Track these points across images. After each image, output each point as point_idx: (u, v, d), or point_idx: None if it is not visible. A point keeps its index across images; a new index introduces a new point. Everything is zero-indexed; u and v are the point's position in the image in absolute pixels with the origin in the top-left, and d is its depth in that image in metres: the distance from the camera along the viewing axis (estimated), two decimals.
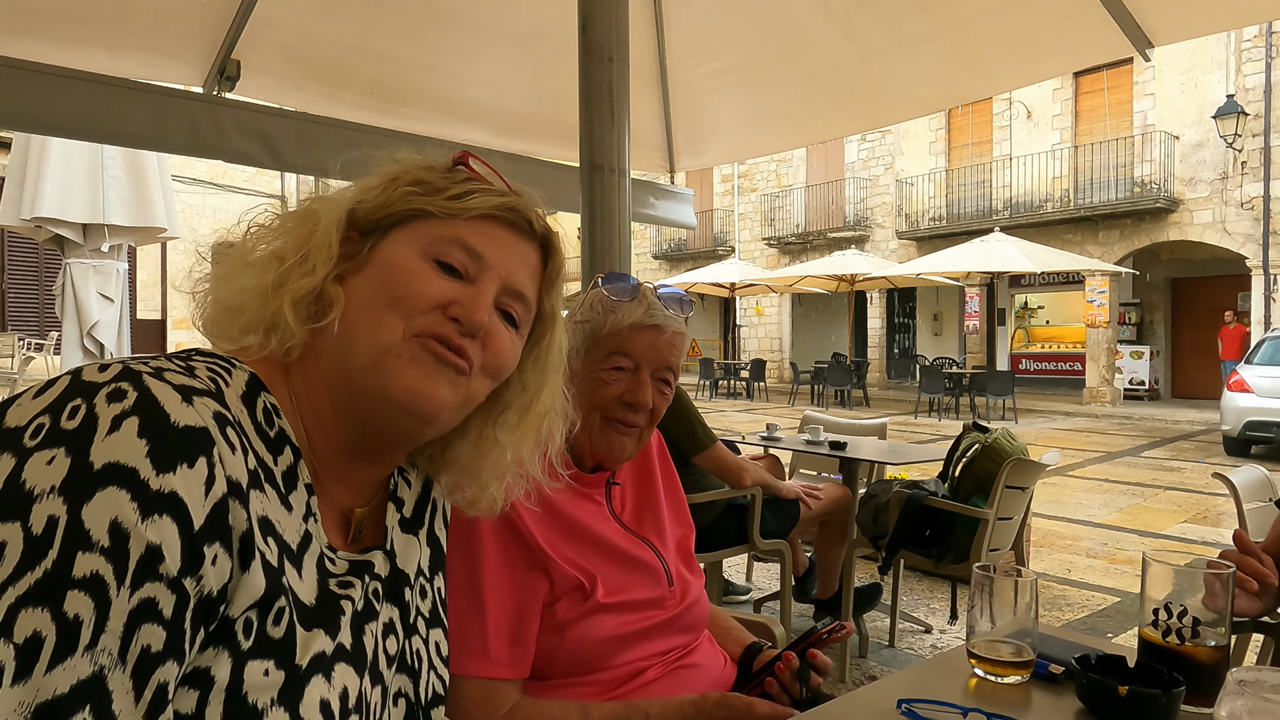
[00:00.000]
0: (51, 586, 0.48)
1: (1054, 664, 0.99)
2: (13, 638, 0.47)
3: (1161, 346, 16.96)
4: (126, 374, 0.56)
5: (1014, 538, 3.11)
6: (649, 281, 1.23)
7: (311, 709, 0.61)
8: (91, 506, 0.50)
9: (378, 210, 0.72)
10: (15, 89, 2.33)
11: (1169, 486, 7.51)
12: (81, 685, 0.48)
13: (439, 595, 0.81)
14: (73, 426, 0.52)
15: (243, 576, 0.58)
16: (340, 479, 0.72)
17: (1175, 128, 14.83)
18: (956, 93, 3.71)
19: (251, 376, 0.65)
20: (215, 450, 0.56)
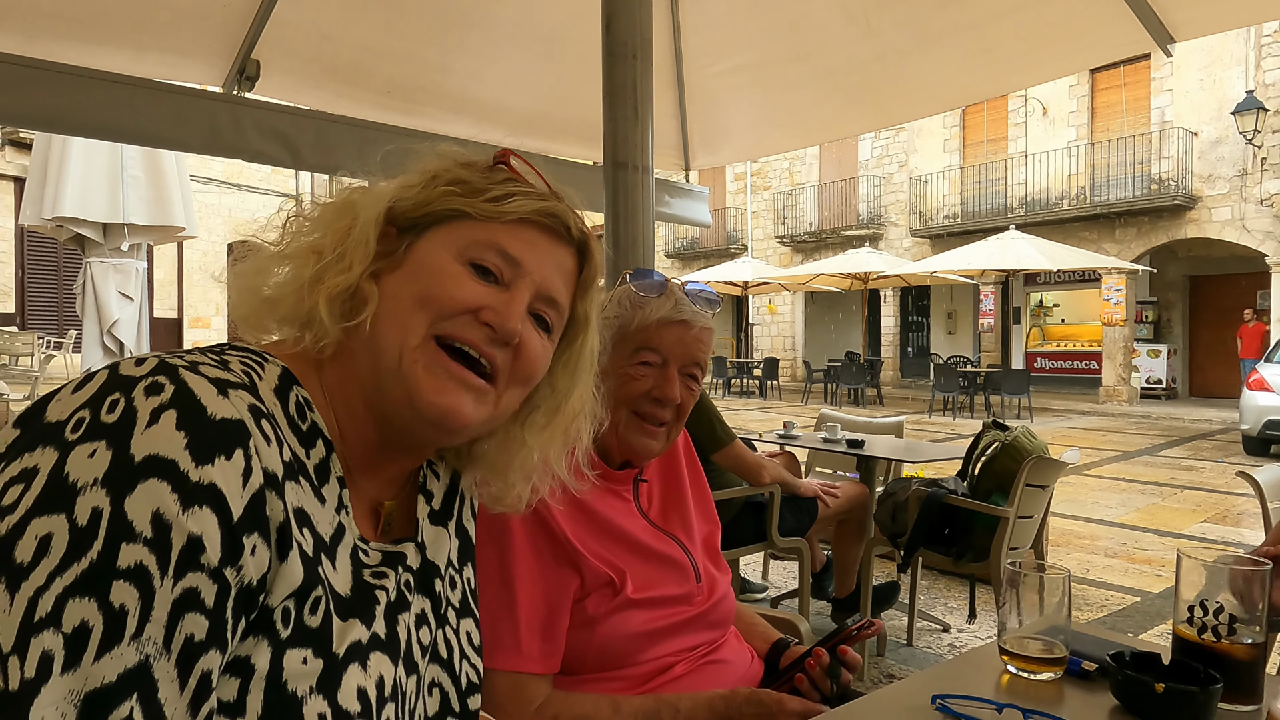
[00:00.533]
0: (97, 577, 0.49)
1: (1086, 661, 0.99)
2: (62, 627, 0.48)
3: (1179, 345, 16.80)
4: (163, 368, 0.56)
5: (1034, 536, 3.10)
6: (680, 275, 1.23)
7: (349, 697, 0.62)
8: (133, 498, 0.51)
9: (416, 208, 0.72)
10: (38, 89, 2.35)
11: (1188, 486, 7.44)
12: (128, 674, 0.49)
13: (469, 585, 0.81)
14: (112, 420, 0.53)
15: (281, 566, 0.58)
16: (370, 472, 0.72)
17: (1193, 124, 14.68)
18: (974, 90, 3.69)
19: (284, 371, 0.65)
20: (251, 442, 0.57)
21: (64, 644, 0.47)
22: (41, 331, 15.95)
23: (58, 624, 0.47)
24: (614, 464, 1.20)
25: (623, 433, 1.17)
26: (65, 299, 16.75)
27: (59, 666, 0.47)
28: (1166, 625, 3.78)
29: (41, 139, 5.34)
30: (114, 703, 0.48)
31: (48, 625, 0.47)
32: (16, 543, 0.49)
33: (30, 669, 0.46)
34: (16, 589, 0.48)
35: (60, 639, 0.47)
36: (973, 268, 13.12)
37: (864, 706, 0.92)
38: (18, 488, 0.51)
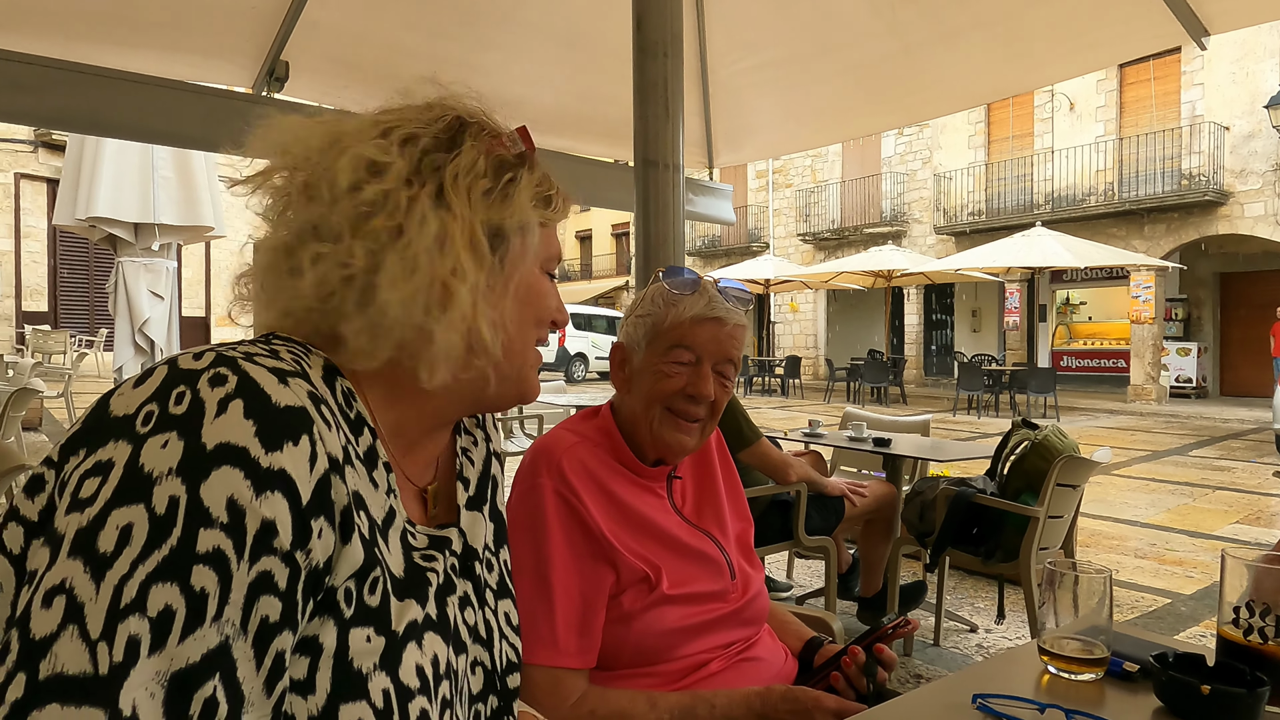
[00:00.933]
0: (178, 562, 0.51)
1: (1128, 661, 0.98)
2: (147, 612, 0.49)
3: (1209, 343, 16.51)
4: (222, 359, 0.58)
5: (1064, 536, 3.06)
6: (706, 272, 1.23)
7: (409, 673, 0.64)
8: (208, 485, 0.52)
9: (500, 217, 0.72)
10: (73, 92, 2.40)
11: (1219, 486, 7.31)
12: (211, 654, 0.51)
13: (505, 567, 0.83)
14: (181, 411, 0.54)
15: (344, 549, 0.60)
16: (410, 456, 0.74)
17: (1225, 118, 14.42)
18: (1003, 85, 3.64)
19: (327, 361, 0.66)
20: (315, 428, 0.58)
21: (149, 628, 0.49)
22: (73, 330, 16.24)
23: (143, 609, 0.49)
24: (648, 461, 1.21)
25: (656, 429, 1.17)
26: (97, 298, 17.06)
27: (145, 649, 0.49)
28: (1199, 628, 3.73)
29: (74, 140, 5.44)
30: (198, 682, 0.50)
31: (134, 610, 0.49)
32: (99, 533, 0.51)
33: (119, 653, 0.48)
34: (102, 578, 0.49)
35: (146, 623, 0.49)
36: (998, 265, 12.98)
37: (904, 705, 0.92)
38: (94, 480, 0.53)
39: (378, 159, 0.67)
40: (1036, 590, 2.86)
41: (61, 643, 0.48)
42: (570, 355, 21.10)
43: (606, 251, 32.42)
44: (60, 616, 0.48)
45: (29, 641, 0.48)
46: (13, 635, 0.49)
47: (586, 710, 1.03)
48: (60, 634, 0.48)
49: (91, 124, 2.64)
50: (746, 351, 19.24)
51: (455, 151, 0.70)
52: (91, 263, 17.60)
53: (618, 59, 2.22)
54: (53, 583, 0.49)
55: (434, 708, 0.65)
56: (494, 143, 0.73)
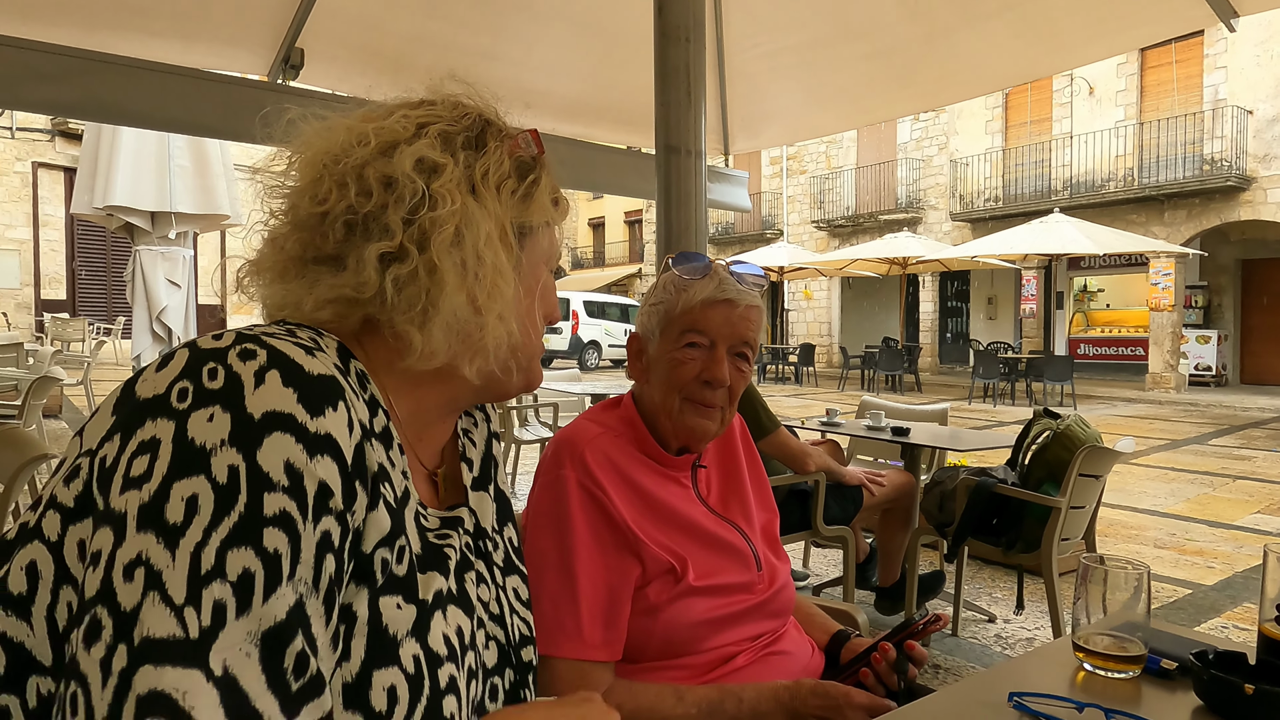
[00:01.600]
0: (248, 527, 0.52)
1: (1166, 659, 0.96)
2: (227, 577, 0.51)
3: (1230, 331, 16.30)
4: (244, 337, 0.59)
5: (1085, 527, 3.03)
6: (719, 258, 1.22)
7: (438, 641, 0.65)
8: (264, 452, 0.54)
9: (525, 216, 0.76)
10: (91, 81, 2.40)
11: (1239, 475, 7.23)
12: (293, 610, 0.53)
13: (510, 545, 0.84)
14: (218, 386, 0.55)
15: (372, 514, 0.61)
16: (422, 441, 0.76)
17: (1249, 102, 14.18)
18: (1026, 69, 3.58)
19: (340, 345, 0.67)
20: (347, 395, 0.60)
21: (232, 591, 0.51)
22: (92, 318, 16.38)
23: (223, 574, 0.51)
24: (671, 450, 1.19)
25: (677, 417, 1.16)
26: (114, 286, 17.19)
27: (233, 612, 0.50)
28: (1221, 619, 3.69)
29: (91, 129, 5.46)
30: (289, 638, 0.52)
31: (215, 577, 0.51)
32: (164, 506, 0.52)
33: (206, 618, 0.50)
34: (175, 546, 0.51)
35: (228, 588, 0.51)
36: (1015, 252, 12.84)
37: (938, 702, 0.90)
38: (144, 458, 0.54)
39: (433, 159, 0.69)
40: (1058, 581, 2.84)
41: (146, 609, 0.49)
42: (584, 343, 21.11)
43: (619, 239, 32.37)
44: (142, 586, 0.50)
45: (120, 614, 0.49)
46: (99, 612, 0.50)
47: (613, 704, 1.01)
48: (144, 601, 0.49)
49: (108, 113, 2.64)
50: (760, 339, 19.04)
51: (482, 151, 0.73)
52: (109, 251, 17.73)
53: (637, 45, 2.19)
54: (129, 557, 0.51)
55: (461, 675, 0.67)
56: (512, 144, 0.76)
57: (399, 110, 0.74)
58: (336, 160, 0.70)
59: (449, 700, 0.65)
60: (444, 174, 0.69)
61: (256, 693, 0.50)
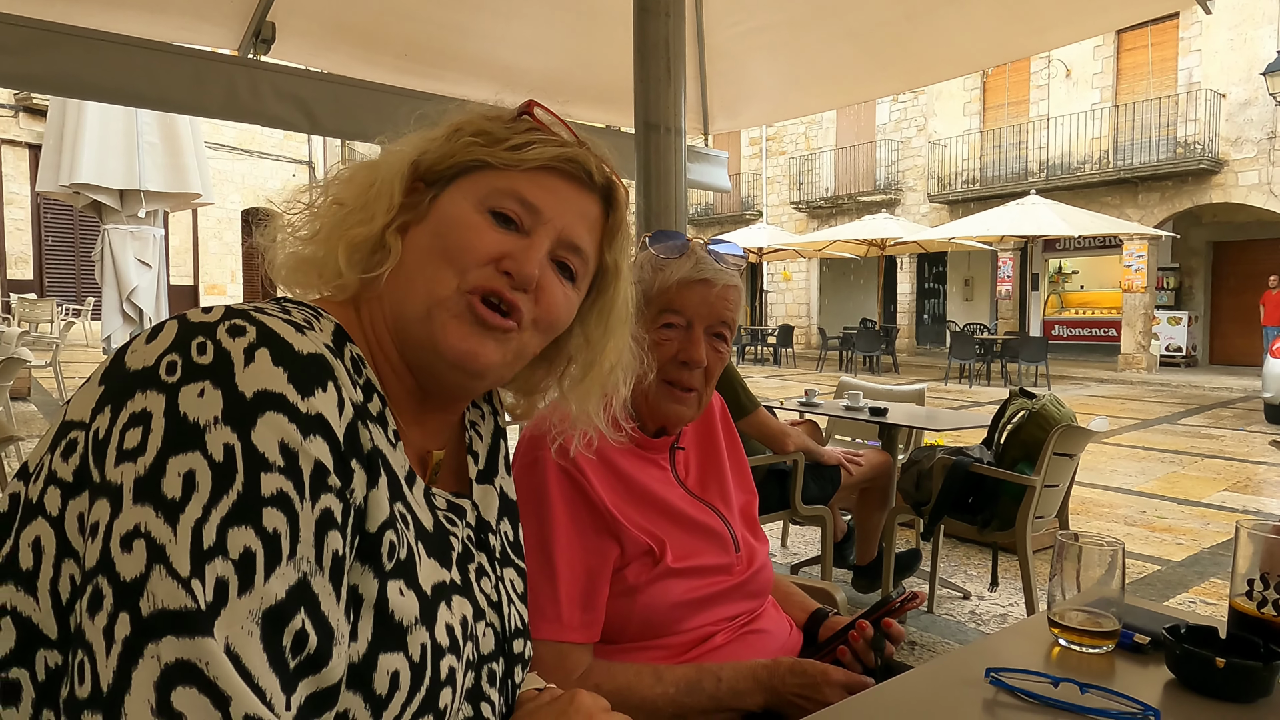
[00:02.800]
0: (247, 506, 0.52)
1: (1139, 634, 0.97)
2: (229, 555, 0.51)
3: (1200, 312, 16.57)
4: (235, 313, 0.58)
5: (1059, 505, 3.07)
6: (698, 237, 1.20)
7: (442, 632, 0.66)
8: (258, 432, 0.54)
9: (440, 161, 0.73)
10: (54, 53, 2.33)
11: (1208, 454, 7.38)
12: (294, 589, 0.54)
13: (506, 538, 0.84)
14: (207, 361, 0.55)
15: (373, 493, 0.61)
16: (415, 423, 0.74)
17: (1222, 85, 14.32)
18: (1005, 50, 3.59)
19: (337, 327, 0.66)
20: (338, 375, 0.59)
21: (234, 570, 0.51)
22: (60, 299, 16.06)
23: (225, 552, 0.51)
24: (649, 431, 1.19)
25: (653, 399, 1.15)
26: (83, 266, 16.86)
27: (234, 590, 0.51)
28: (1189, 594, 3.77)
29: (57, 105, 5.32)
30: (288, 617, 0.53)
31: (217, 553, 0.51)
32: (160, 480, 0.52)
33: (209, 593, 0.50)
34: (176, 521, 0.51)
35: (230, 565, 0.51)
36: (992, 234, 12.94)
37: (916, 679, 0.91)
38: (136, 430, 0.53)
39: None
40: (1031, 558, 2.88)
41: (154, 581, 0.49)
42: None
43: None
44: (145, 558, 0.50)
45: (121, 584, 0.50)
46: (100, 582, 0.50)
47: (591, 685, 1.02)
48: (150, 573, 0.50)
49: (73, 87, 2.56)
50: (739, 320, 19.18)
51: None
52: (77, 230, 17.37)
53: (617, 20, 2.16)
54: (126, 528, 0.51)
55: (459, 667, 0.67)
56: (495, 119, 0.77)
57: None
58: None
59: (445, 692, 0.65)
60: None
61: (259, 671, 0.51)
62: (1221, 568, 4.10)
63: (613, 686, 1.03)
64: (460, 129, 0.74)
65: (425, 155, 0.74)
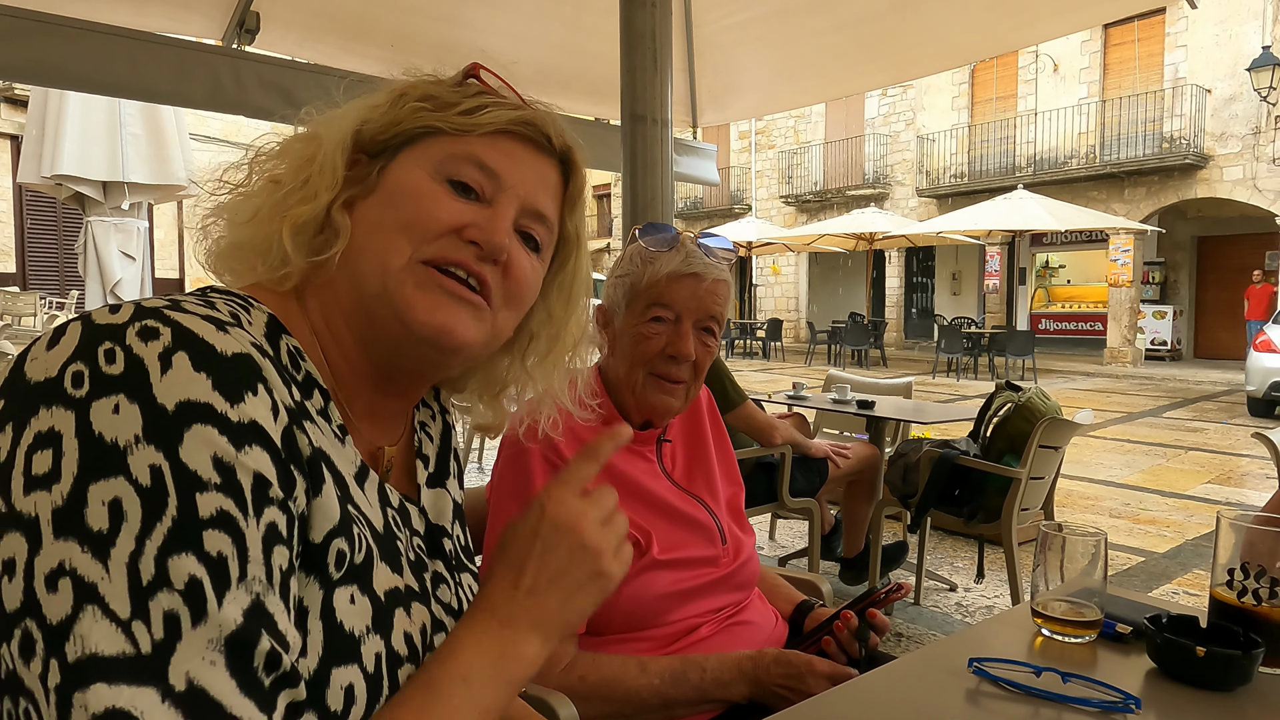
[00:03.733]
0: (185, 531, 0.48)
1: (1121, 624, 0.98)
2: (174, 586, 0.47)
3: (1185, 306, 16.71)
4: (145, 312, 0.53)
5: (1045, 497, 3.09)
6: (687, 231, 1.20)
7: (400, 640, 0.62)
8: (186, 448, 0.49)
9: (385, 129, 0.68)
10: (35, 42, 2.29)
11: (1192, 447, 7.45)
12: (249, 612, 0.50)
13: (458, 542, 0.80)
14: (117, 371, 0.50)
15: (316, 501, 0.57)
16: (366, 415, 0.70)
17: (1207, 81, 14.42)
18: (993, 43, 3.60)
19: (271, 318, 0.62)
20: (267, 376, 0.55)
21: (183, 600, 0.47)
22: (43, 292, 15.89)
23: (168, 584, 0.47)
24: (635, 424, 1.19)
25: (640, 392, 1.15)
26: (66, 259, 16.67)
27: (187, 622, 0.47)
28: (1172, 585, 3.81)
29: (38, 95, 5.25)
30: (254, 639, 0.49)
31: (159, 587, 0.47)
32: (83, 511, 0.47)
33: (158, 630, 0.47)
34: (107, 556, 0.47)
35: (177, 597, 0.47)
36: (979, 228, 13.00)
37: (899, 669, 0.91)
38: (45, 453, 0.48)
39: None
40: (1017, 550, 2.90)
41: (84, 624, 0.46)
42: None
43: (588, 213, 32.10)
44: (71, 598, 0.46)
45: (49, 628, 0.46)
46: (29, 625, 0.46)
47: (576, 676, 1.02)
48: (79, 615, 0.46)
49: (54, 77, 2.53)
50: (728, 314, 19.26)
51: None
52: (60, 222, 17.17)
53: (604, 12, 2.15)
54: (49, 566, 0.46)
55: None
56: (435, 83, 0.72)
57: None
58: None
59: None
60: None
61: (230, 700, 0.48)
62: (1204, 559, 4.14)
63: (598, 678, 1.03)
64: (405, 94, 0.69)
65: (368, 124, 0.68)
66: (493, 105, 0.69)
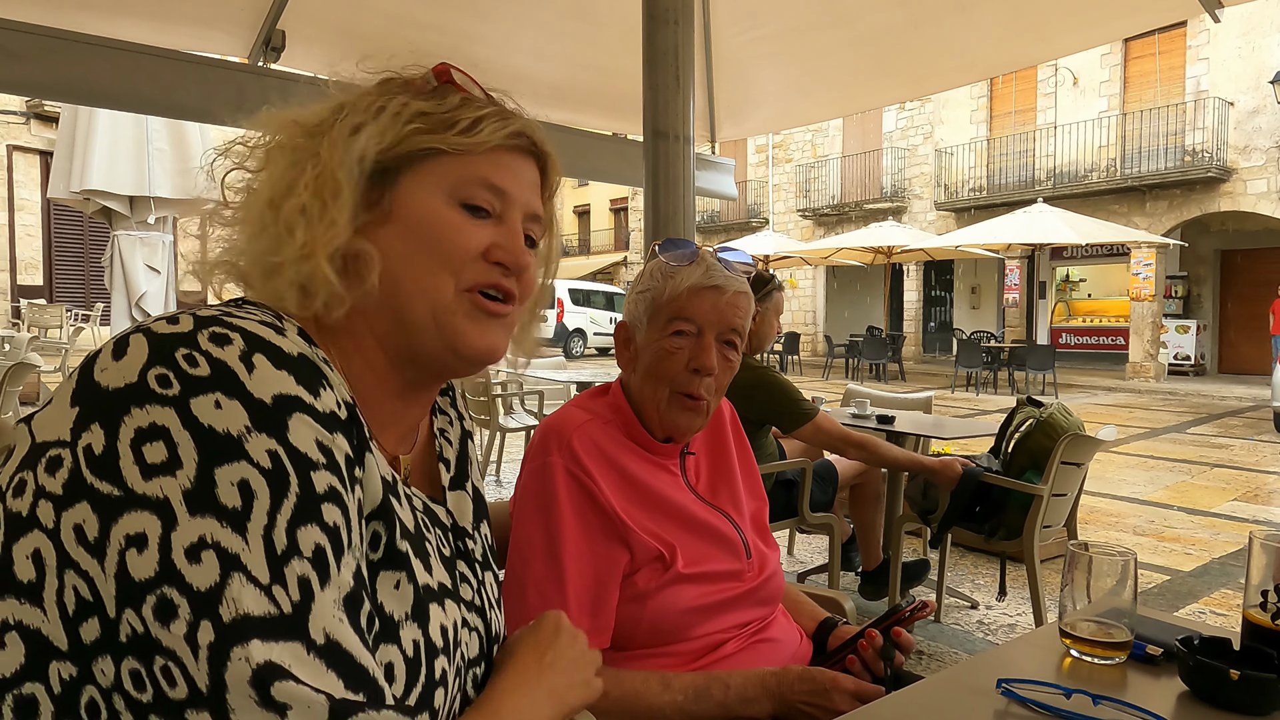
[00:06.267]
0: (308, 505, 0.55)
1: (1151, 645, 0.96)
2: (303, 554, 0.54)
3: (1209, 321, 16.49)
4: (207, 320, 0.57)
5: (1067, 514, 3.05)
6: (706, 245, 1.20)
7: (436, 632, 0.66)
8: (293, 434, 0.55)
9: (384, 152, 0.68)
10: (66, 61, 2.34)
11: (1217, 464, 7.33)
12: (356, 575, 0.57)
13: (485, 540, 0.84)
14: (205, 373, 0.54)
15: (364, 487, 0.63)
16: (387, 425, 0.73)
17: (1230, 93, 14.29)
18: (1012, 58, 3.58)
19: (300, 330, 0.64)
20: (326, 374, 0.60)
21: (312, 566, 0.54)
22: (69, 304, 16.14)
23: (299, 552, 0.53)
24: (657, 439, 1.19)
25: (664, 410, 1.15)
26: (92, 272, 16.93)
27: (318, 585, 0.54)
28: (1199, 604, 3.74)
29: (68, 112, 5.36)
30: (361, 600, 0.57)
31: (292, 555, 0.53)
32: (214, 491, 0.53)
33: (294, 593, 0.53)
34: (244, 530, 0.52)
35: (307, 564, 0.54)
36: (999, 241, 12.91)
37: (927, 689, 0.90)
38: (156, 445, 0.53)
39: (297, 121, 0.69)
40: (1039, 568, 2.86)
41: (233, 589, 0.51)
42: (569, 331, 21.07)
43: (604, 227, 32.29)
44: (218, 567, 0.51)
45: (196, 594, 0.51)
46: (168, 593, 0.51)
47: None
48: (228, 582, 0.51)
49: (85, 94, 2.58)
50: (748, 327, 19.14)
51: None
52: (87, 236, 17.44)
53: (625, 29, 2.16)
54: (189, 540, 0.51)
55: (451, 670, 0.68)
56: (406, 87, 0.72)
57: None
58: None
59: (439, 693, 0.65)
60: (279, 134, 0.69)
61: (357, 650, 0.54)
62: (1232, 578, 4.07)
63: (620, 693, 1.02)
64: (397, 114, 0.69)
65: (366, 149, 0.67)
66: (486, 120, 0.71)
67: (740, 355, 1.20)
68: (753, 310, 1.21)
